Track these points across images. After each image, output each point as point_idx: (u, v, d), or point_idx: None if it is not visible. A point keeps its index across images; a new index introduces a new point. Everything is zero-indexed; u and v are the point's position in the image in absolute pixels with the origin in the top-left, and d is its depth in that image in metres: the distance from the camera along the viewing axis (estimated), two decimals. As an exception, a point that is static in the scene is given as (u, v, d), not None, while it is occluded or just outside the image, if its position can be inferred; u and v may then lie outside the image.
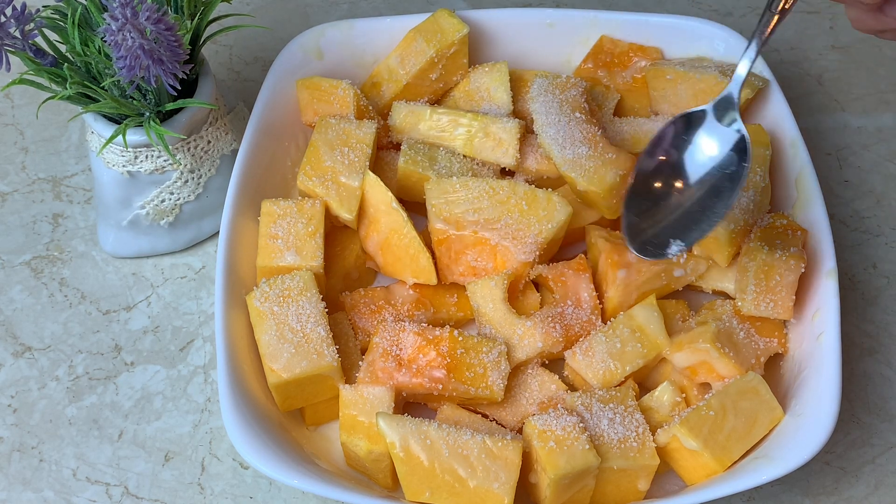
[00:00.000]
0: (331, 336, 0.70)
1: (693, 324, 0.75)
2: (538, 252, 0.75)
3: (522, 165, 0.82)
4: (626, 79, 0.88)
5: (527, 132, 0.83)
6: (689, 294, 0.80)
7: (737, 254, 0.76)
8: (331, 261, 0.78)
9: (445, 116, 0.82)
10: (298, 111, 0.86)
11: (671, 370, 0.74)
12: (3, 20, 0.70)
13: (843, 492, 0.74)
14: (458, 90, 0.87)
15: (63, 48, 0.77)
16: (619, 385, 0.72)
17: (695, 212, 0.70)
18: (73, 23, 0.74)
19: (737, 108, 0.71)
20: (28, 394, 0.79)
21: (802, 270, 0.73)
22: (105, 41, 0.68)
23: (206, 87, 0.80)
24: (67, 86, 0.74)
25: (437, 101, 0.88)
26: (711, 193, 0.70)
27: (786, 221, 0.77)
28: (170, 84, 0.70)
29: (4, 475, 0.75)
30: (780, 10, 0.68)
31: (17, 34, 0.72)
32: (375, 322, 0.76)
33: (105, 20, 0.66)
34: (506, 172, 0.83)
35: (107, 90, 0.75)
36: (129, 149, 0.78)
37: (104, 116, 0.79)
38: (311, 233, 0.75)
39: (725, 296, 0.78)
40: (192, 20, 0.77)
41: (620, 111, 0.89)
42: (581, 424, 0.67)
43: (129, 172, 0.80)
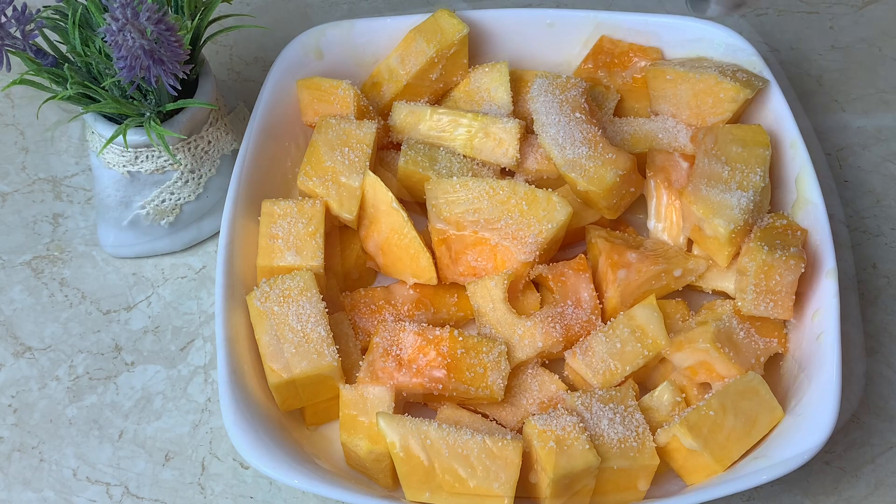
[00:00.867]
0: (331, 336, 0.70)
1: (693, 324, 0.75)
2: (538, 252, 0.75)
3: (522, 165, 0.82)
4: (626, 79, 0.88)
5: (527, 132, 0.83)
6: (689, 294, 0.80)
7: (737, 254, 0.76)
8: (331, 261, 0.78)
9: (446, 116, 0.82)
10: (299, 111, 0.86)
11: (671, 370, 0.74)
12: (4, 20, 0.70)
13: (843, 492, 0.74)
14: (459, 90, 0.87)
15: (63, 48, 0.77)
16: (619, 385, 0.72)
17: None
18: (74, 23, 0.74)
19: None
20: (28, 394, 0.79)
21: (802, 270, 0.73)
22: (105, 41, 0.68)
23: (207, 88, 0.80)
24: (68, 86, 0.74)
25: (438, 102, 0.89)
26: None
27: (786, 221, 0.77)
28: (170, 84, 0.70)
29: (5, 475, 0.75)
30: None
31: (18, 34, 0.72)
32: (375, 322, 0.76)
33: (105, 20, 0.66)
34: (506, 172, 0.83)
35: (107, 90, 0.75)
36: (130, 149, 0.78)
37: (104, 116, 0.79)
38: (312, 233, 0.75)
39: (725, 296, 0.78)
40: (193, 20, 0.77)
41: (620, 111, 0.89)
42: (581, 424, 0.67)
43: (130, 173, 0.80)
